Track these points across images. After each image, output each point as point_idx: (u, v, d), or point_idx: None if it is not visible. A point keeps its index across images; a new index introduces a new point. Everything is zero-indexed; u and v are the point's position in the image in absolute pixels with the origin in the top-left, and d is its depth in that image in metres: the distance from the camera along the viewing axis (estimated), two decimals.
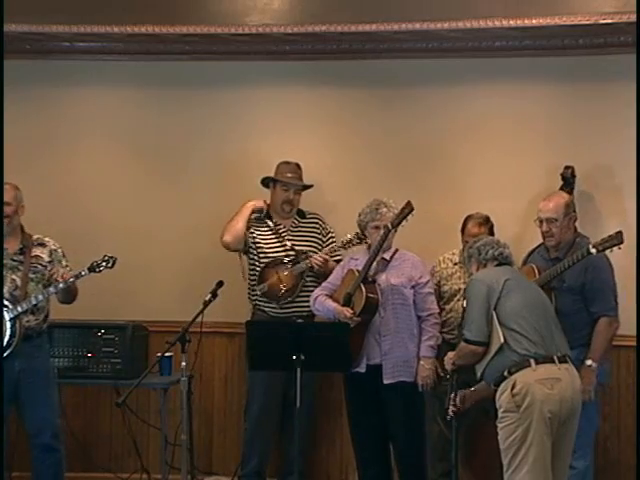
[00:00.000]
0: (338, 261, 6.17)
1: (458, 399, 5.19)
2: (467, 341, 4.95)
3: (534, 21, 6.03)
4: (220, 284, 5.89)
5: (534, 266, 5.55)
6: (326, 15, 6.26)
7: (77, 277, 5.63)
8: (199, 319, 5.74)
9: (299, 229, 6.35)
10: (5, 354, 5.49)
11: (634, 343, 5.95)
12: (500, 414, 4.83)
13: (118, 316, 6.43)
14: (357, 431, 5.93)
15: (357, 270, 5.77)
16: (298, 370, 5.30)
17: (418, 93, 6.51)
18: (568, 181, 6.02)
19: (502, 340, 4.82)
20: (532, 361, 4.78)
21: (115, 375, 6.19)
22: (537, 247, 5.79)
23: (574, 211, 5.69)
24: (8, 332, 5.52)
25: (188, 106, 6.69)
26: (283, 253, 6.28)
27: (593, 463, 5.62)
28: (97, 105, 6.76)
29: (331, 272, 6.07)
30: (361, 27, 6.21)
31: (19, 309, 5.54)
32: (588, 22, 5.96)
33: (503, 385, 4.82)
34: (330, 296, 5.88)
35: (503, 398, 4.81)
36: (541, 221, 5.62)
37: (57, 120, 6.77)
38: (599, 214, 6.19)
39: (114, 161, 6.77)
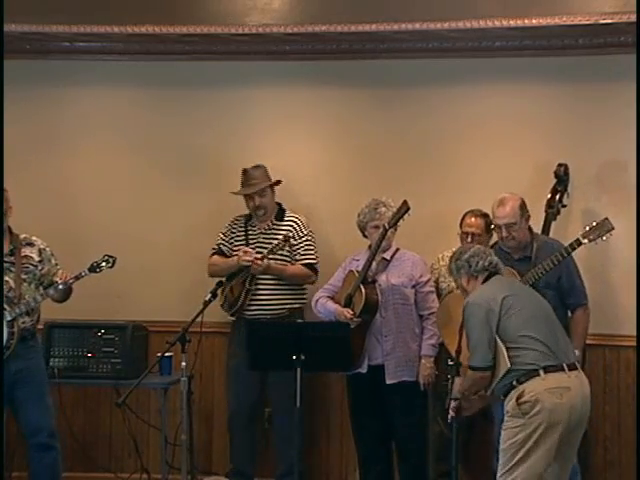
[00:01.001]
0: (309, 265, 6.17)
1: (453, 404, 5.14)
2: (473, 368, 4.87)
3: (534, 21, 6.02)
4: (220, 284, 5.89)
5: (513, 270, 5.49)
6: (326, 15, 6.25)
7: (77, 278, 5.64)
8: (199, 319, 5.75)
9: (271, 232, 6.29)
10: (4, 356, 5.50)
11: (634, 343, 5.95)
12: (506, 417, 4.80)
13: (118, 316, 6.43)
14: (359, 431, 5.94)
15: (357, 271, 5.78)
16: (298, 370, 5.30)
17: (418, 93, 6.51)
18: (561, 179, 5.99)
19: (508, 365, 4.75)
20: (541, 371, 4.73)
21: (115, 375, 6.18)
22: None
23: (527, 211, 5.67)
24: (6, 334, 5.51)
25: (188, 106, 6.68)
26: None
27: (578, 463, 5.60)
28: (97, 105, 6.75)
29: (281, 272, 6.13)
30: (361, 27, 6.20)
31: (17, 311, 5.54)
32: (588, 22, 5.96)
33: (512, 393, 4.77)
34: (332, 298, 5.89)
35: (510, 405, 4.77)
36: (499, 227, 5.60)
37: (57, 120, 6.76)
38: (599, 214, 6.17)
39: (113, 161, 6.76)
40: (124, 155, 6.77)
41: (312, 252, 6.26)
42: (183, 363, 5.54)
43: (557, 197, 5.99)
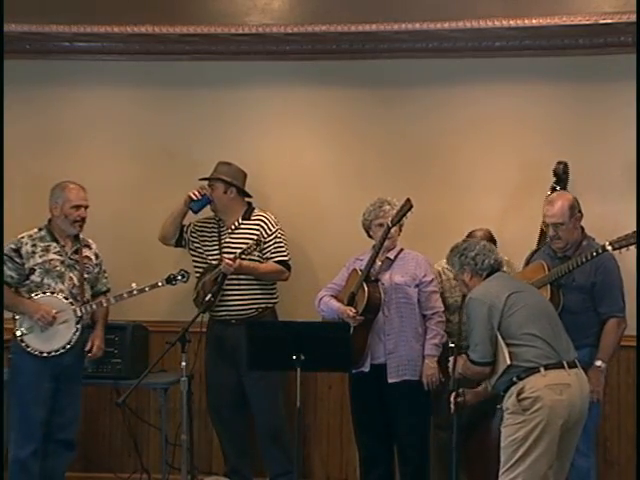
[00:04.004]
0: (281, 262, 6.15)
1: (460, 397, 5.16)
2: (474, 362, 4.92)
3: (534, 21, 6.03)
4: (221, 284, 5.89)
5: (544, 263, 5.51)
6: (326, 15, 6.26)
7: (153, 287, 5.85)
8: (199, 319, 5.74)
9: (238, 231, 6.24)
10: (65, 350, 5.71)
11: (634, 343, 5.95)
12: (506, 415, 4.82)
13: (118, 316, 6.42)
14: (361, 431, 5.93)
15: (360, 269, 5.77)
16: (298, 370, 5.30)
17: (418, 93, 6.51)
18: (560, 177, 5.95)
19: (508, 362, 4.78)
20: (541, 368, 4.75)
21: (115, 375, 6.19)
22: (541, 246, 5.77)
23: (579, 211, 5.62)
24: (73, 329, 5.72)
25: (188, 106, 6.68)
26: (218, 256, 6.22)
27: (596, 462, 5.62)
28: (97, 105, 6.75)
29: (253, 271, 6.09)
30: (361, 27, 6.21)
31: (88, 309, 5.77)
32: (588, 22, 5.97)
33: (512, 389, 4.79)
34: (335, 297, 5.88)
35: (510, 401, 4.79)
36: (547, 226, 5.58)
37: (57, 120, 6.76)
38: (597, 214, 6.17)
39: (113, 161, 6.76)
40: (123, 155, 6.76)
41: (283, 249, 6.21)
42: (183, 363, 5.53)
43: None
